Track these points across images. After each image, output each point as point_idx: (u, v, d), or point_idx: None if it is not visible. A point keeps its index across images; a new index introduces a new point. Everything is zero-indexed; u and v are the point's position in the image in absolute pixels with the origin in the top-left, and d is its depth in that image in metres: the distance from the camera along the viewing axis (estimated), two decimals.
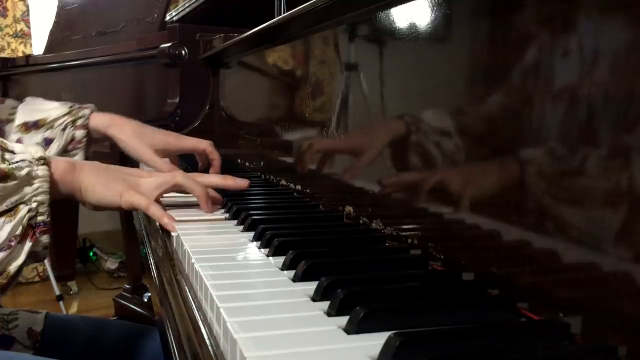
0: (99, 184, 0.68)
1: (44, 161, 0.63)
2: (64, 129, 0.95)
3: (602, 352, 0.32)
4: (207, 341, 0.39)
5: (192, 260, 0.51)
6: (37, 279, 2.82)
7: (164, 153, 0.95)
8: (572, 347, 0.34)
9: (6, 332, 0.80)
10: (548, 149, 0.39)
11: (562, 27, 0.38)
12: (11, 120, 0.96)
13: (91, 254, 3.01)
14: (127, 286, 2.11)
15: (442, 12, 0.52)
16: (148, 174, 0.74)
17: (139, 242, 0.82)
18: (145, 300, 2.01)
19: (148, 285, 2.00)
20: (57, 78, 2.22)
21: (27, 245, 0.60)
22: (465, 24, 0.50)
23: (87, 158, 0.97)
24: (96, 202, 0.69)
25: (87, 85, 2.05)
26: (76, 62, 2.06)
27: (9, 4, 2.85)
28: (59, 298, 2.24)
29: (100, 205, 0.69)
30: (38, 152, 0.64)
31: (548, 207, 0.39)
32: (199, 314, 0.44)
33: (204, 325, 0.41)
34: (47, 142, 0.94)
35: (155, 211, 0.67)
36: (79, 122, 0.96)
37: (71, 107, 0.98)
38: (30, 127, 0.95)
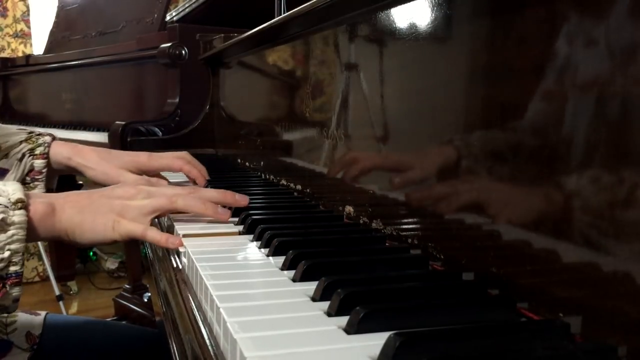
0: (86, 222, 0.61)
1: (22, 204, 0.56)
2: (21, 159, 0.85)
3: (602, 352, 0.32)
4: (207, 341, 0.39)
5: (192, 260, 0.51)
6: (37, 279, 2.82)
7: (136, 174, 0.86)
8: (572, 347, 0.34)
9: (4, 337, 0.78)
10: (548, 148, 0.39)
11: (562, 26, 0.38)
12: None
13: (91, 254, 3.01)
14: (127, 286, 2.11)
15: (442, 12, 0.52)
16: (135, 190, 0.65)
17: (139, 242, 0.81)
18: (145, 300, 2.01)
19: (148, 285, 2.00)
20: (57, 78, 2.22)
21: None
22: (465, 24, 0.50)
23: (49, 190, 0.88)
24: (88, 242, 0.62)
25: (87, 85, 2.05)
26: (76, 62, 2.06)
27: (9, 4, 2.85)
28: (59, 298, 2.24)
29: (91, 243, 0.63)
30: (16, 192, 0.57)
31: (548, 207, 0.39)
32: (199, 314, 0.44)
33: (204, 325, 0.42)
34: (1, 173, 0.85)
35: (154, 236, 0.60)
36: (38, 150, 0.86)
37: (30, 133, 0.89)
38: None
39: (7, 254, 0.54)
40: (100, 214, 0.62)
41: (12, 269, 0.54)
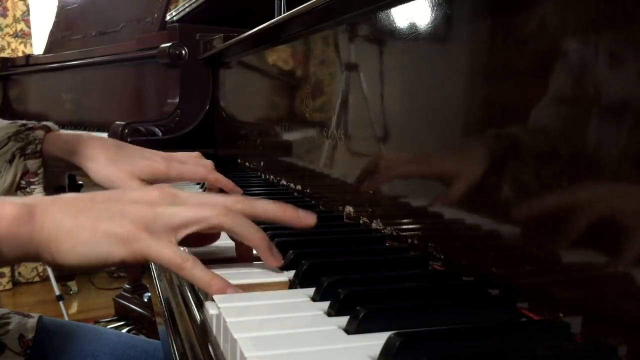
0: (82, 230, 0.42)
1: None
2: (11, 160, 0.70)
3: (602, 352, 0.32)
4: (207, 341, 0.39)
5: None
6: (37, 279, 2.82)
7: (150, 183, 0.71)
8: (572, 347, 0.34)
9: None
10: (548, 147, 0.39)
11: (563, 26, 0.38)
12: None
13: None
14: (127, 286, 2.12)
15: (442, 12, 0.52)
16: (159, 193, 0.46)
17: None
18: (145, 300, 2.01)
19: (148, 285, 2.00)
20: (57, 78, 2.22)
21: None
22: (465, 24, 0.50)
23: (58, 190, 0.77)
24: (79, 262, 0.42)
25: (87, 85, 2.05)
26: (76, 62, 2.06)
27: (9, 4, 2.85)
28: (59, 298, 2.24)
29: (84, 265, 0.43)
30: None
31: (549, 207, 0.39)
32: (199, 314, 0.44)
33: (203, 325, 0.41)
34: None
35: (201, 275, 0.42)
36: (30, 149, 0.71)
37: (21, 126, 0.73)
38: None
39: None
40: (105, 219, 0.42)
41: None
